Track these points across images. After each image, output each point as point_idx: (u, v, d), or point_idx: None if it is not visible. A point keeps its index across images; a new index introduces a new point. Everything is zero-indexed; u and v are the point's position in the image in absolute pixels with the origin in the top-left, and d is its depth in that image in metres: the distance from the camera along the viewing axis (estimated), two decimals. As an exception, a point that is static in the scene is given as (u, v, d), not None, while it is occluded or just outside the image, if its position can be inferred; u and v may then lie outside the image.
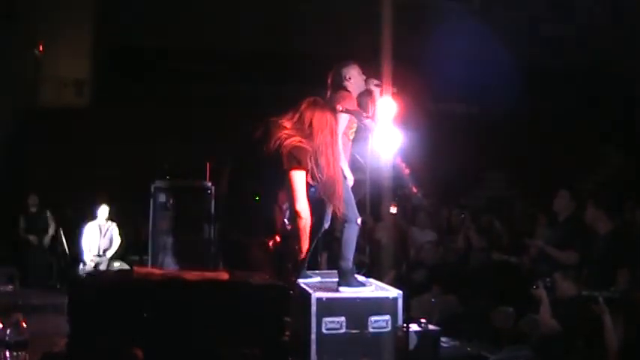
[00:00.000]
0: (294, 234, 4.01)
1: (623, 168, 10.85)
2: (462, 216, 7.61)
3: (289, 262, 4.12)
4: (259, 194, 4.10)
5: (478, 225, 7.67)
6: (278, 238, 4.05)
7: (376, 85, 5.04)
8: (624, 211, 6.86)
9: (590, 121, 11.57)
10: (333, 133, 4.22)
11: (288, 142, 4.01)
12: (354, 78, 4.99)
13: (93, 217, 9.79)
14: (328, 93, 4.99)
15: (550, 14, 11.16)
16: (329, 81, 5.04)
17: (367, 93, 5.10)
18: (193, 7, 11.35)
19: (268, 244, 4.12)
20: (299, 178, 3.93)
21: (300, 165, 3.94)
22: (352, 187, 5.08)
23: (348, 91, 4.96)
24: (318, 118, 4.19)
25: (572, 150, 11.42)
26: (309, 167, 4.01)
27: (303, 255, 4.16)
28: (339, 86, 4.97)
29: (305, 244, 4.05)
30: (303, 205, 3.93)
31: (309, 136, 4.09)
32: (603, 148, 11.61)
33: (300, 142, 4.03)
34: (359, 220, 4.94)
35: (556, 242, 6.09)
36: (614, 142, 11.49)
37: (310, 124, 4.13)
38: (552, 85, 11.66)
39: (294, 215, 3.94)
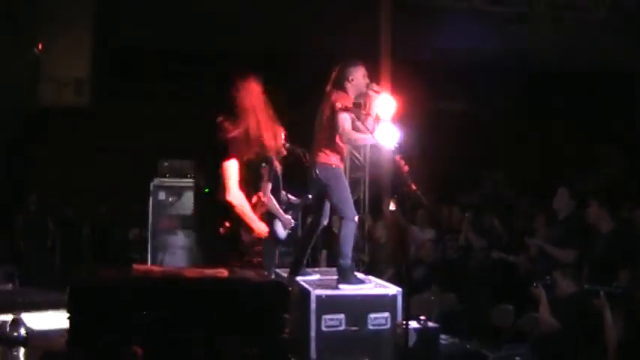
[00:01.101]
0: (239, 220, 4.07)
1: (623, 167, 10.86)
2: (467, 215, 7.60)
3: (245, 246, 4.12)
4: (209, 187, 4.21)
5: (479, 224, 7.66)
6: (227, 224, 4.10)
7: (375, 92, 5.06)
8: (622, 210, 6.85)
9: (591, 120, 11.58)
10: (256, 111, 4.21)
11: (220, 135, 4.12)
12: (355, 80, 5.03)
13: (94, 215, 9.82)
14: (329, 87, 5.03)
15: (550, 13, 11.16)
16: (333, 75, 5.06)
17: (365, 96, 5.14)
18: (193, 7, 11.35)
19: (219, 231, 4.17)
20: (227, 169, 4.00)
21: (227, 156, 4.02)
22: (350, 185, 5.10)
23: (346, 91, 4.99)
24: (242, 99, 4.24)
25: (572, 149, 11.43)
26: (242, 153, 4.06)
27: (262, 235, 4.20)
28: (340, 85, 5.00)
29: (256, 225, 4.11)
30: (233, 194, 3.99)
31: (236, 121, 4.16)
32: (603, 148, 11.62)
33: (228, 132, 4.10)
34: (356, 218, 4.96)
35: (556, 241, 6.08)
36: (614, 142, 11.51)
37: (237, 107, 4.20)
38: (552, 84, 11.67)
39: (228, 206, 4.00)
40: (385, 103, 5.10)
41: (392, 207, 7.94)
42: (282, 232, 6.11)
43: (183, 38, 11.54)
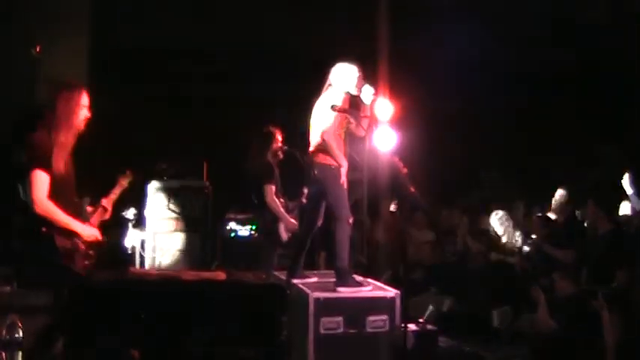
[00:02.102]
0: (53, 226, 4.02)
1: (620, 167, 10.84)
2: (463, 219, 7.60)
3: (64, 250, 4.10)
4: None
5: (475, 226, 7.65)
6: (44, 230, 4.08)
7: (372, 95, 5.05)
8: (619, 210, 6.86)
9: (588, 120, 11.57)
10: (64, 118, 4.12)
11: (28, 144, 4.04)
12: (350, 80, 5.03)
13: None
14: (325, 87, 5.04)
15: (548, 12, 11.15)
16: (328, 76, 5.07)
17: (360, 100, 5.13)
18: (193, 7, 11.34)
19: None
20: (32, 180, 4.00)
21: (32, 167, 3.99)
22: (349, 186, 5.08)
23: (341, 91, 5.00)
24: (59, 102, 4.13)
25: (570, 149, 11.42)
26: (48, 162, 4.01)
27: (90, 239, 4.16)
28: (334, 85, 5.01)
29: (79, 228, 4.09)
30: (39, 205, 3.99)
31: (55, 125, 4.07)
32: (600, 148, 11.60)
33: (32, 142, 4.04)
34: (350, 220, 4.94)
35: (554, 242, 6.08)
36: (611, 142, 11.49)
37: (55, 113, 4.10)
38: (549, 84, 11.66)
39: (40, 219, 3.99)
40: (382, 106, 5.10)
41: (393, 208, 7.93)
42: (284, 235, 6.11)
43: (182, 39, 11.52)
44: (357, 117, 4.98)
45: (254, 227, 7.30)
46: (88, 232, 4.19)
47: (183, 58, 11.74)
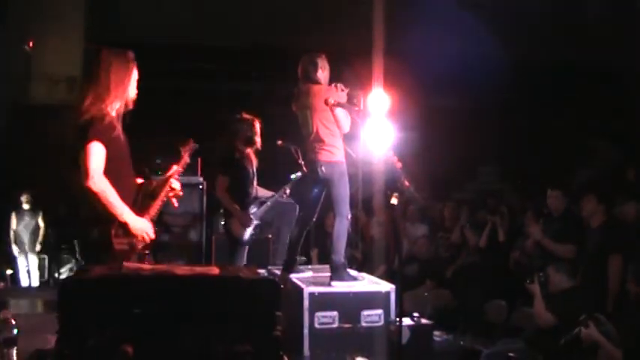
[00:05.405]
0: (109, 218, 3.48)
1: (615, 162, 10.87)
2: (463, 211, 7.58)
3: (119, 253, 3.57)
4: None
5: (474, 220, 7.64)
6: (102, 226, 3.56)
7: (342, 90, 5.03)
8: (615, 204, 6.84)
9: (584, 115, 11.59)
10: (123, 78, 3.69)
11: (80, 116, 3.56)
12: (325, 69, 5.02)
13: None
14: (304, 82, 4.98)
15: (543, 8, 11.17)
16: (299, 71, 5.03)
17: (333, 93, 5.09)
18: (187, 3, 11.32)
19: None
20: (88, 152, 3.50)
21: (88, 139, 3.50)
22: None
23: (320, 82, 4.97)
24: (103, 74, 3.66)
25: (565, 143, 11.44)
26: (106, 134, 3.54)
27: (140, 237, 3.60)
28: (314, 78, 4.97)
29: (127, 218, 3.48)
30: (93, 179, 3.44)
31: (104, 92, 3.59)
32: (595, 142, 11.64)
33: (87, 112, 3.53)
34: (349, 215, 4.95)
35: (552, 236, 6.06)
36: (606, 136, 11.52)
37: (106, 77, 3.63)
38: (545, 80, 11.68)
39: (90, 193, 3.45)
40: (378, 100, 5.07)
41: (394, 201, 7.87)
42: (240, 231, 5.68)
43: (176, 34, 11.50)
44: (350, 110, 4.96)
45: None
46: (140, 225, 3.56)
47: (179, 54, 11.72)
